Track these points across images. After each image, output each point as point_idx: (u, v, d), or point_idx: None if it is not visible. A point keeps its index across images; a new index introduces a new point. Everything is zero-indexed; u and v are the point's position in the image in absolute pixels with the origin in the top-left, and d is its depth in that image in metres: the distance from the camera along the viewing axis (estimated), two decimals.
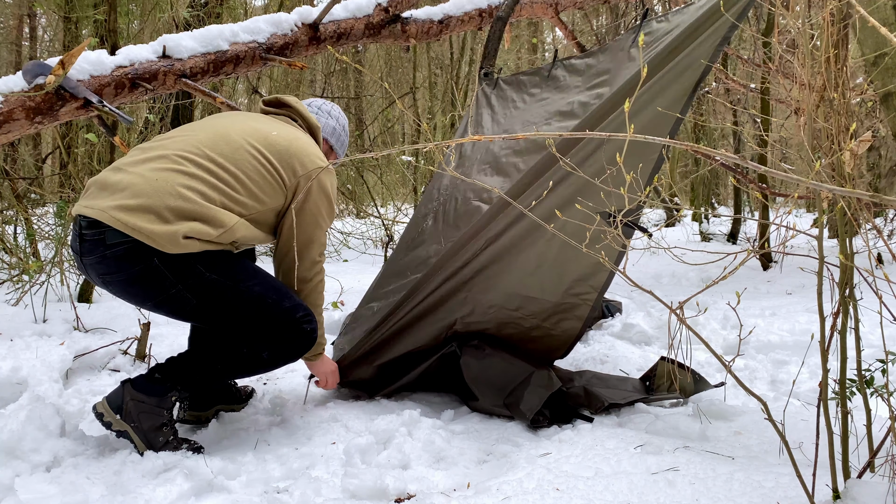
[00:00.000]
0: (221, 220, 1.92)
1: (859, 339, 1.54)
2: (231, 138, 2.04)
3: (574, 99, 2.64)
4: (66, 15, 6.55)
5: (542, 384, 2.25)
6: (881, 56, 3.24)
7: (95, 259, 1.89)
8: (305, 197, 2.08)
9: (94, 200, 1.90)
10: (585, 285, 2.36)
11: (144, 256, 1.85)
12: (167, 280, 1.89)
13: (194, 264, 1.92)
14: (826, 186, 0.96)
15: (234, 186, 1.97)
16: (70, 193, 5.18)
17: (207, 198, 1.92)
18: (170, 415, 1.98)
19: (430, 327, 2.43)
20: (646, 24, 2.58)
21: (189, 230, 1.86)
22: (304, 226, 2.10)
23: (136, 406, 1.93)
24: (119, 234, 1.84)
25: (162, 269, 1.88)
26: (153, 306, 1.97)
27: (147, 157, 1.97)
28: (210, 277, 1.94)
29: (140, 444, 1.93)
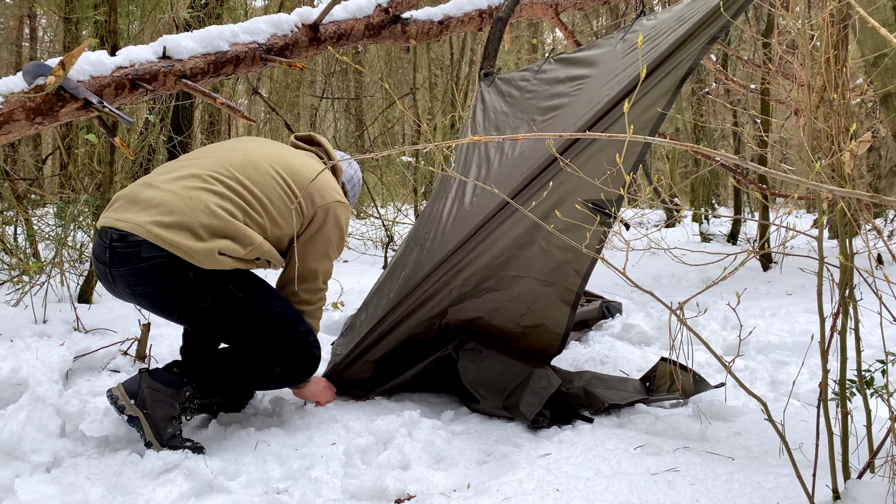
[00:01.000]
0: (251, 238, 2.02)
1: (859, 340, 1.54)
2: (259, 163, 2.14)
3: (557, 90, 2.71)
4: (67, 16, 6.56)
5: (541, 385, 2.25)
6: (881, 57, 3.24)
7: (128, 271, 1.94)
8: (320, 227, 2.19)
9: (126, 214, 1.95)
10: (569, 268, 2.39)
11: (180, 271, 1.93)
12: (199, 294, 1.98)
13: (225, 281, 2.02)
14: (826, 187, 0.96)
15: (257, 210, 2.07)
16: (70, 194, 5.18)
17: (236, 217, 2.02)
18: (181, 408, 2.01)
19: (424, 317, 2.45)
20: (637, 23, 2.64)
21: (223, 247, 1.96)
22: (314, 253, 2.20)
23: (151, 394, 1.97)
24: (155, 248, 1.90)
25: (196, 283, 1.96)
26: (179, 318, 2.05)
27: (179, 176, 2.05)
28: (238, 296, 2.05)
29: (148, 433, 1.94)
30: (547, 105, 2.77)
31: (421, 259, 2.57)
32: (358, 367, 2.45)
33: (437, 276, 2.43)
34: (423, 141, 9.10)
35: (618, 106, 2.30)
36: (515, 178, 2.44)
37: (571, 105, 2.62)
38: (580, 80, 2.68)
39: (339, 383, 2.47)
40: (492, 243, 2.41)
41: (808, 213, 12.94)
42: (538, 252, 2.41)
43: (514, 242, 2.41)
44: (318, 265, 2.23)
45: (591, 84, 2.58)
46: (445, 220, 2.65)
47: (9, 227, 4.83)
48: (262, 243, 2.06)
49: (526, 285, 2.43)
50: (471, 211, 2.56)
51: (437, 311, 2.45)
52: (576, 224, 2.06)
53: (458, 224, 2.54)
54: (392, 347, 2.45)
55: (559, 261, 2.40)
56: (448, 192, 2.79)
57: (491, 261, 2.43)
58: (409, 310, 2.43)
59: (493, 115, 3.08)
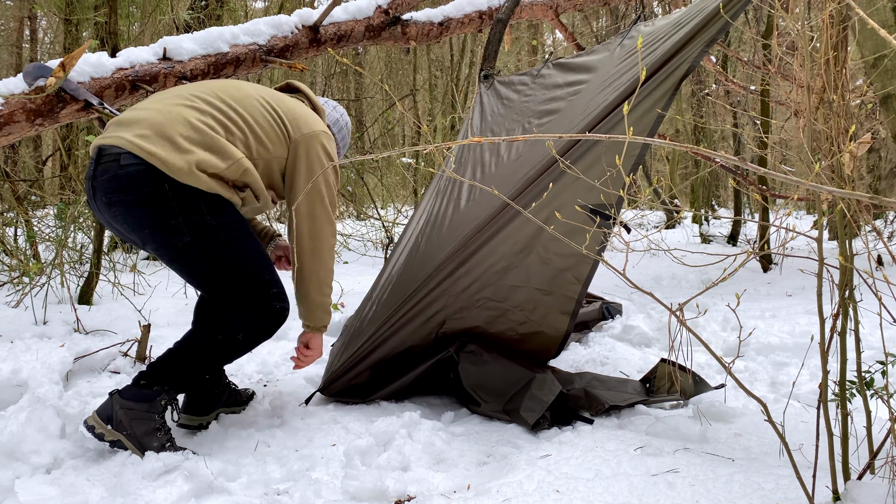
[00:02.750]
0: (230, 153, 2.00)
1: (859, 341, 1.54)
2: (242, 88, 2.16)
3: (554, 95, 2.71)
4: (67, 17, 6.56)
5: (543, 390, 2.24)
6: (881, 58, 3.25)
7: (107, 178, 1.94)
8: (306, 156, 2.14)
9: (112, 134, 1.99)
10: (569, 276, 2.38)
11: (156, 180, 1.91)
12: (171, 209, 1.93)
13: (199, 203, 1.97)
14: (826, 188, 0.96)
15: (240, 126, 2.05)
16: (70, 195, 5.18)
17: (216, 131, 2.01)
18: (161, 419, 1.98)
19: (422, 327, 2.43)
20: (634, 28, 2.66)
21: (201, 160, 1.94)
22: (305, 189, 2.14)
23: (126, 414, 1.93)
24: (134, 157, 1.92)
25: (170, 196, 1.92)
26: (149, 234, 1.97)
27: (161, 97, 2.10)
28: (209, 221, 1.98)
29: (136, 451, 1.92)
30: (543, 109, 2.77)
31: (414, 262, 2.56)
32: (355, 374, 2.43)
33: (434, 284, 2.41)
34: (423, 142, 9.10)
35: (616, 110, 2.30)
36: (512, 183, 2.44)
37: (568, 109, 2.62)
38: (577, 86, 2.69)
39: (339, 390, 2.45)
40: (490, 251, 2.41)
41: (808, 214, 12.95)
42: (536, 260, 2.40)
43: (512, 251, 2.41)
44: (313, 205, 2.13)
45: (588, 89, 2.59)
46: (440, 222, 2.64)
47: (9, 229, 4.83)
48: (243, 160, 2.01)
49: (525, 294, 2.42)
50: (466, 215, 2.55)
51: (435, 322, 2.44)
52: (575, 227, 2.06)
53: (454, 229, 2.53)
54: (390, 356, 2.44)
55: (558, 268, 2.39)
56: (443, 193, 2.79)
57: (489, 270, 2.42)
58: (407, 318, 2.42)
59: (490, 119, 3.09)
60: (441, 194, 2.79)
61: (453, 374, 2.41)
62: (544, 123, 2.67)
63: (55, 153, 7.46)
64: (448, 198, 2.72)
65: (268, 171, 2.13)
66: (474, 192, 2.62)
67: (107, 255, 4.54)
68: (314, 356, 2.29)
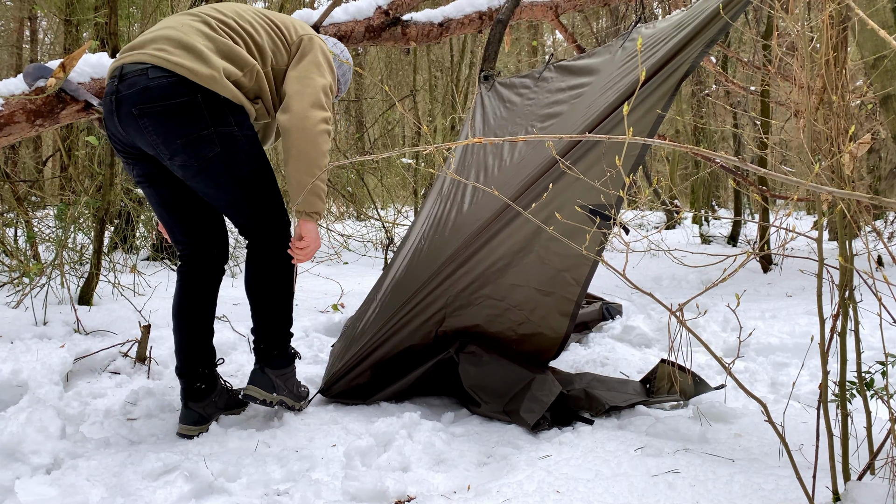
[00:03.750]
0: (245, 59, 2.06)
1: (859, 342, 1.54)
2: (236, 6, 2.22)
3: (556, 98, 2.71)
4: (67, 18, 6.56)
5: (543, 391, 2.24)
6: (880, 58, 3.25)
7: (136, 91, 1.95)
8: (308, 51, 2.19)
9: (130, 54, 2.01)
10: (568, 277, 2.38)
11: (189, 90, 1.95)
12: (204, 119, 1.98)
13: (228, 114, 2.03)
14: (826, 189, 0.96)
15: (242, 35, 2.12)
16: (70, 196, 5.19)
17: (232, 38, 2.09)
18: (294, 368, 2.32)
19: (422, 326, 2.44)
20: (635, 30, 2.66)
21: (225, 68, 2.01)
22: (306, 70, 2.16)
23: (282, 379, 2.26)
24: (162, 70, 1.95)
25: (203, 106, 1.97)
26: (181, 145, 1.98)
27: (168, 20, 2.14)
28: (236, 133, 2.05)
29: (296, 404, 2.30)
30: (545, 112, 2.78)
31: (417, 264, 2.56)
32: (355, 375, 2.44)
33: (435, 284, 2.42)
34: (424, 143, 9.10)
35: (616, 111, 2.30)
36: (514, 185, 2.44)
37: (569, 112, 2.63)
38: (579, 89, 2.70)
39: (339, 392, 2.45)
40: (490, 251, 2.41)
41: (808, 214, 12.95)
42: (536, 260, 2.40)
43: (511, 251, 2.41)
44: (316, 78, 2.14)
45: (590, 92, 2.60)
46: (442, 225, 2.64)
47: (9, 229, 4.83)
48: (257, 65, 2.08)
49: (524, 294, 2.42)
50: (468, 217, 2.55)
51: (435, 320, 2.44)
52: (575, 228, 2.06)
53: (456, 231, 2.54)
54: (391, 356, 2.44)
55: (557, 269, 2.39)
56: (446, 197, 2.79)
57: (489, 268, 2.42)
58: (408, 318, 2.42)
59: (492, 121, 3.09)
60: (444, 198, 2.79)
61: (453, 376, 2.41)
62: (547, 127, 2.68)
63: (55, 154, 7.47)
64: (451, 201, 2.72)
65: (274, 79, 2.19)
66: (477, 195, 2.62)
67: (107, 255, 4.54)
68: (310, 247, 2.20)
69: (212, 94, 1.98)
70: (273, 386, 2.24)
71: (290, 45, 2.21)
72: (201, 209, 2.22)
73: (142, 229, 6.25)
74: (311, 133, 2.07)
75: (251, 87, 2.10)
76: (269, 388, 2.23)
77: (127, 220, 5.79)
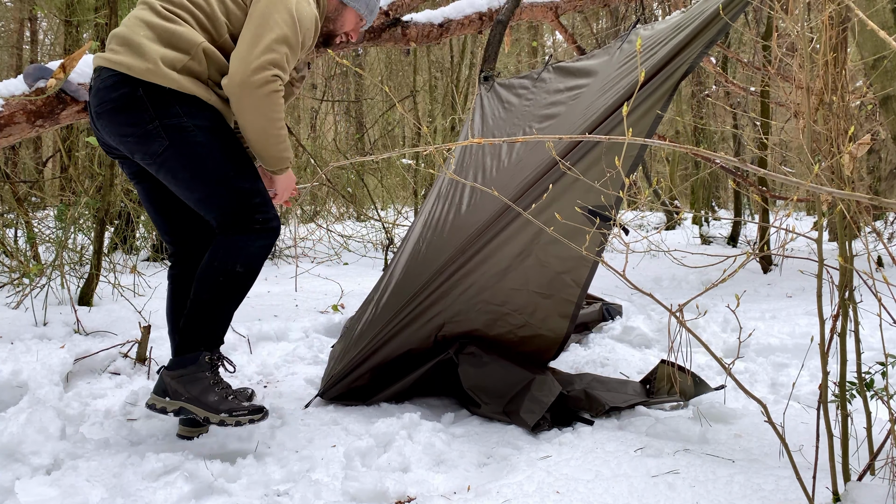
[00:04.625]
0: (188, 39, 1.93)
1: (859, 342, 1.54)
2: None
3: (554, 99, 2.72)
4: (67, 18, 6.57)
5: (543, 392, 2.24)
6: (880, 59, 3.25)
7: (93, 94, 1.98)
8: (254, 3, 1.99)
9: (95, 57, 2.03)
10: (567, 279, 2.38)
11: (130, 85, 1.90)
12: (147, 112, 1.90)
13: (174, 104, 1.91)
14: (825, 189, 0.96)
15: (191, 12, 1.98)
16: (70, 197, 5.18)
17: (174, 21, 1.95)
18: (214, 375, 1.99)
19: (421, 329, 2.43)
20: (633, 32, 2.67)
21: (164, 56, 1.90)
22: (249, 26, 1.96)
23: (178, 382, 1.96)
24: (109, 71, 1.93)
25: (144, 99, 1.90)
26: (133, 143, 1.94)
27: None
28: (185, 123, 1.92)
29: (200, 411, 1.93)
30: (543, 113, 2.78)
31: (416, 266, 2.56)
32: (355, 377, 2.43)
33: (434, 287, 2.41)
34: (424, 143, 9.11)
35: (615, 112, 2.31)
36: (512, 187, 2.44)
37: (567, 113, 2.63)
38: (577, 90, 2.70)
39: (339, 394, 2.45)
40: (488, 255, 2.41)
41: (808, 215, 12.95)
42: (535, 263, 2.40)
43: (510, 254, 2.41)
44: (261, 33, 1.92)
45: (588, 93, 2.60)
46: (440, 227, 2.64)
47: (9, 230, 4.83)
48: (201, 45, 1.93)
49: (523, 297, 2.41)
50: (466, 219, 2.55)
51: (434, 324, 2.44)
52: (575, 229, 2.06)
53: (454, 232, 2.53)
54: (390, 359, 2.44)
55: (556, 271, 2.39)
56: (444, 198, 2.79)
57: (487, 272, 2.42)
58: (407, 321, 2.42)
59: (491, 122, 3.09)
60: (442, 199, 2.79)
61: (453, 377, 2.41)
62: (545, 127, 2.68)
63: (55, 154, 7.47)
64: (449, 202, 2.72)
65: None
66: (475, 196, 2.62)
67: (107, 256, 4.54)
68: (281, 195, 2.18)
69: (153, 86, 1.89)
70: (165, 390, 1.98)
71: (246, 1, 2.02)
72: (186, 208, 2.14)
73: (142, 230, 6.25)
74: (250, 100, 1.91)
75: (205, 70, 1.95)
76: (160, 392, 1.98)
77: (127, 220, 5.79)
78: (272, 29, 1.92)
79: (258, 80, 1.89)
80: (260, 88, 1.90)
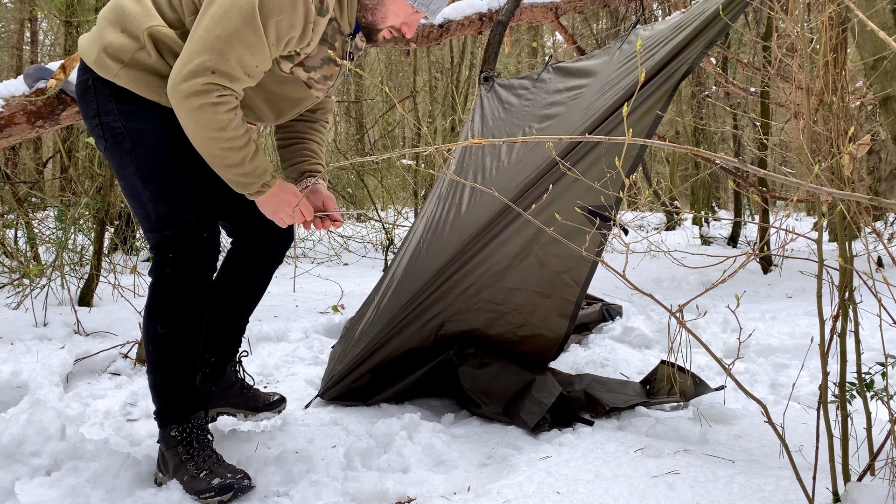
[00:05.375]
0: (137, 22, 1.65)
1: (859, 343, 1.54)
2: None
3: (554, 100, 2.72)
4: (68, 19, 6.56)
5: (543, 393, 2.24)
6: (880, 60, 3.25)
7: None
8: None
9: None
10: (567, 278, 2.37)
11: (86, 72, 1.73)
12: (92, 106, 1.71)
13: (112, 102, 1.68)
14: (825, 190, 0.96)
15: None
16: (71, 197, 5.19)
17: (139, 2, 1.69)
18: (186, 449, 1.76)
19: (421, 329, 2.43)
20: (633, 32, 2.68)
21: (109, 44, 1.65)
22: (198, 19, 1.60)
23: (162, 454, 1.82)
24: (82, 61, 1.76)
25: (92, 91, 1.71)
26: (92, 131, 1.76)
27: None
28: (120, 126, 1.68)
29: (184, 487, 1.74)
30: (543, 114, 2.78)
31: (417, 266, 2.56)
32: (355, 377, 2.43)
33: (434, 288, 2.41)
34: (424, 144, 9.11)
35: (615, 113, 2.31)
36: (512, 187, 2.44)
37: (567, 114, 2.63)
38: (577, 90, 2.70)
39: (339, 395, 2.45)
40: (488, 254, 2.41)
41: (808, 215, 12.95)
42: (534, 263, 2.40)
43: (510, 254, 2.41)
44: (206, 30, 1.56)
45: (588, 93, 2.60)
46: (440, 227, 2.65)
47: (9, 231, 4.83)
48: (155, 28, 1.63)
49: (523, 297, 2.41)
50: (466, 219, 2.55)
51: (434, 324, 2.44)
52: (574, 229, 2.06)
53: (454, 233, 2.54)
54: (390, 359, 2.44)
55: (556, 271, 2.39)
56: (444, 198, 2.79)
57: (487, 272, 2.42)
58: (407, 320, 2.41)
59: (490, 123, 3.09)
60: (442, 199, 2.79)
61: (453, 377, 2.41)
62: (544, 128, 2.68)
63: (55, 155, 7.47)
64: (449, 203, 2.72)
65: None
66: (475, 196, 2.62)
67: (107, 256, 4.54)
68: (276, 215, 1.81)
69: (101, 78, 1.68)
70: (158, 461, 1.80)
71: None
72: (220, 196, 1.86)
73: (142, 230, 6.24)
74: (180, 111, 1.60)
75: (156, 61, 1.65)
76: (158, 462, 1.80)
77: (127, 221, 5.79)
78: (218, 23, 1.55)
79: (185, 89, 1.56)
80: (187, 99, 1.56)
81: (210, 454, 1.78)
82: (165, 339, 1.75)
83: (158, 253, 1.72)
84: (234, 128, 1.61)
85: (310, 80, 1.83)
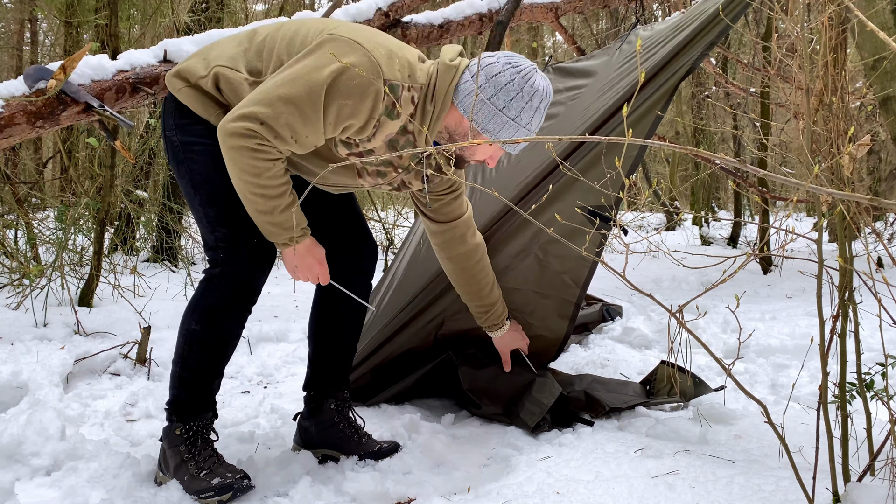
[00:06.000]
0: (212, 58, 1.78)
1: (859, 343, 1.54)
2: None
3: (554, 100, 2.75)
4: (68, 20, 6.57)
5: (543, 392, 2.24)
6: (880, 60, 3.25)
7: None
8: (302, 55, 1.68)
9: None
10: (566, 279, 2.37)
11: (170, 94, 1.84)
12: (162, 121, 1.85)
13: (172, 114, 1.80)
14: (825, 190, 0.96)
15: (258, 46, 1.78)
16: (71, 198, 5.19)
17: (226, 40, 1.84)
18: (188, 449, 1.77)
19: (421, 329, 2.43)
20: (633, 33, 2.68)
21: (187, 67, 1.78)
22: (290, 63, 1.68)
23: (163, 452, 1.82)
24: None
25: (163, 107, 1.86)
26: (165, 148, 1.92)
27: None
28: (176, 139, 1.79)
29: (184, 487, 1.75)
30: None
31: (417, 267, 2.56)
32: (355, 377, 2.43)
33: (434, 287, 2.41)
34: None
35: (615, 115, 2.31)
36: (511, 188, 2.44)
37: (567, 114, 2.63)
38: (577, 90, 2.70)
39: None
40: (488, 254, 2.41)
41: (808, 216, 12.95)
42: (534, 263, 2.40)
43: (509, 254, 2.40)
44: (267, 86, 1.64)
45: (587, 94, 2.60)
46: None
47: (9, 231, 4.84)
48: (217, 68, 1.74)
49: (522, 297, 2.41)
50: None
51: (434, 324, 2.43)
52: (574, 229, 2.06)
53: None
54: (391, 358, 2.44)
55: (556, 271, 2.38)
56: None
57: None
58: (407, 320, 2.42)
59: None
60: None
61: (453, 378, 2.41)
62: (544, 128, 2.68)
63: (56, 155, 7.47)
64: None
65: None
66: (475, 196, 2.62)
67: (107, 257, 4.54)
68: (296, 273, 1.85)
69: (170, 95, 1.82)
70: (160, 460, 1.83)
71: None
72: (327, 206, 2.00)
73: (142, 231, 6.25)
74: (222, 147, 1.66)
75: (211, 90, 1.76)
76: (160, 461, 1.83)
77: (127, 221, 5.80)
78: (285, 84, 1.63)
79: (230, 128, 1.62)
80: (230, 137, 1.62)
81: (211, 454, 1.79)
82: (197, 337, 1.80)
83: (212, 254, 1.80)
84: (270, 177, 1.66)
85: (363, 168, 1.87)
